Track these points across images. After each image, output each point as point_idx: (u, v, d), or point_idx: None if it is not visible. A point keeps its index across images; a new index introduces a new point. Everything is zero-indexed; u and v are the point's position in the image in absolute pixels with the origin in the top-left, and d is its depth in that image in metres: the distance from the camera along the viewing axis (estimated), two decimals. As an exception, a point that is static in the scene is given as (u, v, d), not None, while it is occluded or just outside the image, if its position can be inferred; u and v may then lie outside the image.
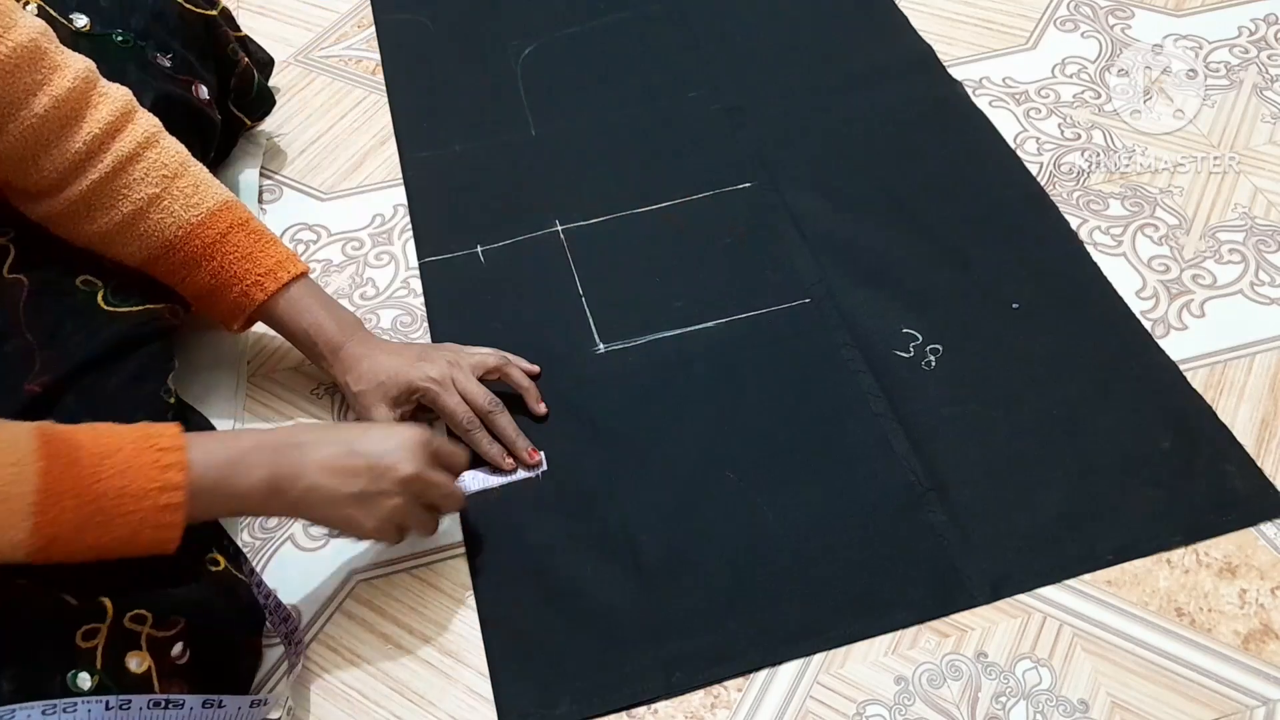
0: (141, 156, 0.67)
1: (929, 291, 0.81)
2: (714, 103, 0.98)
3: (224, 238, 0.69)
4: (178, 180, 0.68)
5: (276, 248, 0.71)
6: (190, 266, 0.69)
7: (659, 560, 0.68)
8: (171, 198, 0.68)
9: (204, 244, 0.69)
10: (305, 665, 0.66)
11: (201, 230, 0.69)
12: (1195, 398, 0.74)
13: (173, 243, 0.68)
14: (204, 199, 0.69)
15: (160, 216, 0.67)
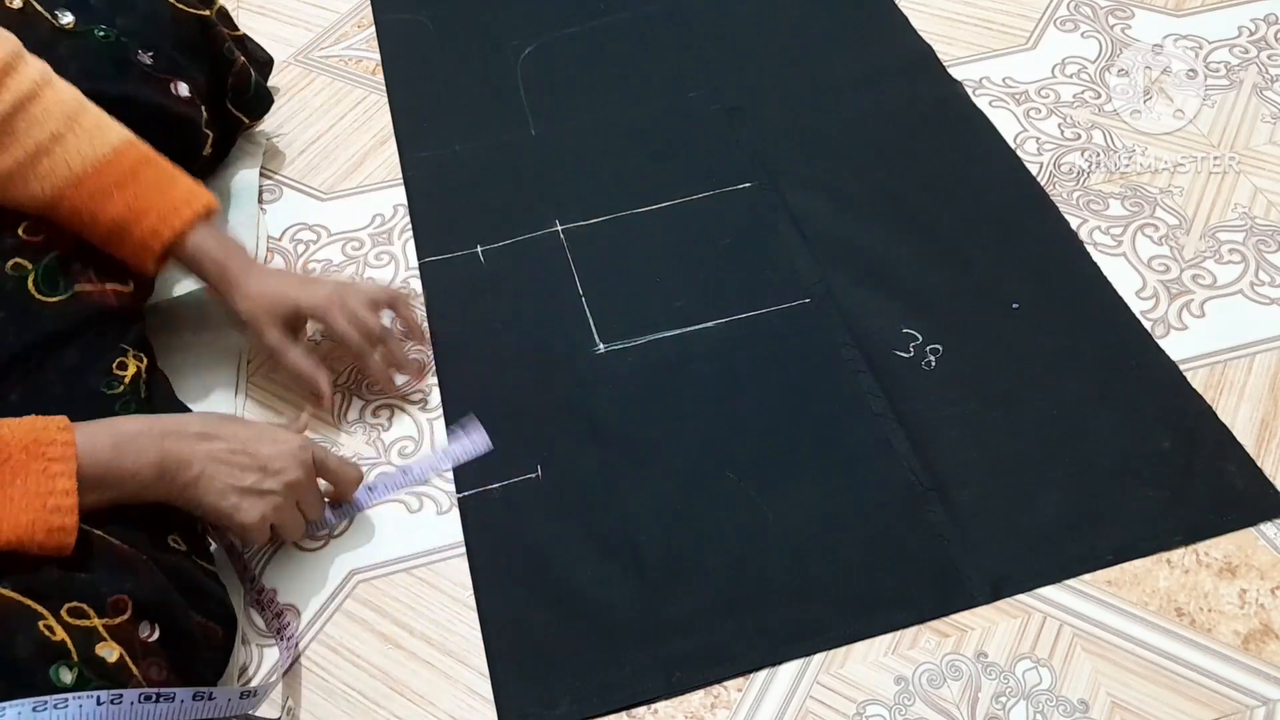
0: (39, 96, 0.66)
1: (929, 291, 0.81)
2: (714, 103, 0.98)
3: (135, 171, 0.69)
4: (82, 119, 0.68)
5: (183, 179, 0.72)
6: (100, 199, 0.68)
7: (659, 560, 0.68)
8: (75, 134, 0.67)
9: (116, 176, 0.68)
10: (305, 665, 0.66)
11: (111, 164, 0.68)
12: (1195, 398, 0.74)
13: (80, 178, 0.67)
14: (108, 135, 0.69)
15: (65, 154, 0.67)
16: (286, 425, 0.71)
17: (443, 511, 0.73)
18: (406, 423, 0.78)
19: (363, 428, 0.78)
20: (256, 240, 0.90)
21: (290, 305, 0.73)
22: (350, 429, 0.78)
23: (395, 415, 0.78)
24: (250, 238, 0.89)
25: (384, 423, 0.78)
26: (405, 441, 0.76)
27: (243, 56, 0.91)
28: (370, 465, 0.75)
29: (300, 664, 0.66)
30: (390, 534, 0.72)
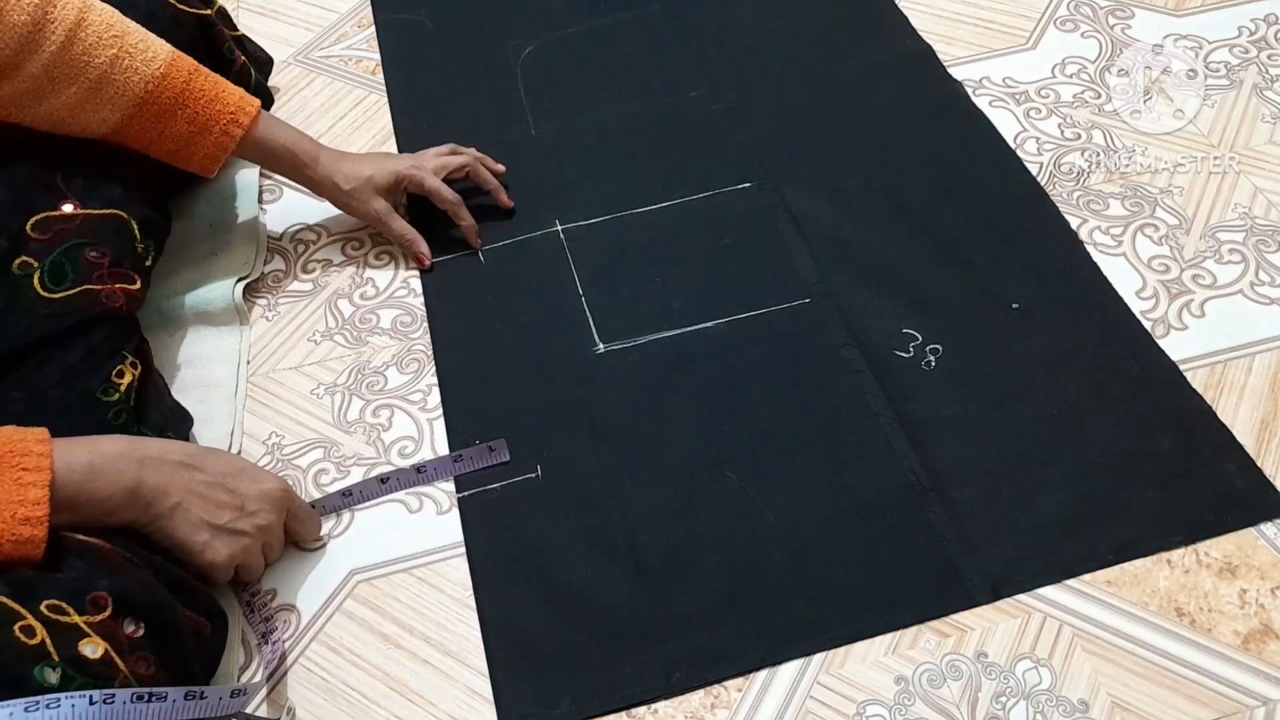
0: (87, 21, 0.68)
1: (929, 291, 0.81)
2: (714, 103, 0.98)
3: (188, 84, 0.73)
4: (128, 38, 0.70)
5: (230, 85, 0.76)
6: (165, 118, 0.72)
7: (659, 560, 0.68)
8: (129, 55, 0.69)
9: (173, 93, 0.72)
10: (305, 665, 0.66)
11: (167, 81, 0.71)
12: (1195, 398, 0.74)
13: (143, 99, 0.71)
14: (156, 51, 0.71)
15: (125, 76, 0.69)
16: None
17: (443, 511, 0.73)
18: (406, 423, 0.78)
19: (362, 428, 0.78)
20: (257, 240, 0.90)
21: (389, 176, 0.83)
22: (350, 429, 0.78)
23: (395, 415, 0.78)
24: (250, 238, 0.89)
25: (384, 422, 0.78)
26: (405, 441, 0.76)
27: (243, 56, 0.91)
28: (370, 465, 0.75)
29: (300, 664, 0.66)
30: (390, 534, 0.72)
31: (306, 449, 0.77)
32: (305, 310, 0.86)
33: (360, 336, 0.84)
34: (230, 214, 0.91)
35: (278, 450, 0.77)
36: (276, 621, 0.67)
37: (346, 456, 0.76)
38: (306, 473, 0.75)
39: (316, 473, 0.75)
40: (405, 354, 0.82)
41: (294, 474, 0.75)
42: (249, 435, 0.78)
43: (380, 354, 0.82)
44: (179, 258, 0.86)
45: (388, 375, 0.81)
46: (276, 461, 0.76)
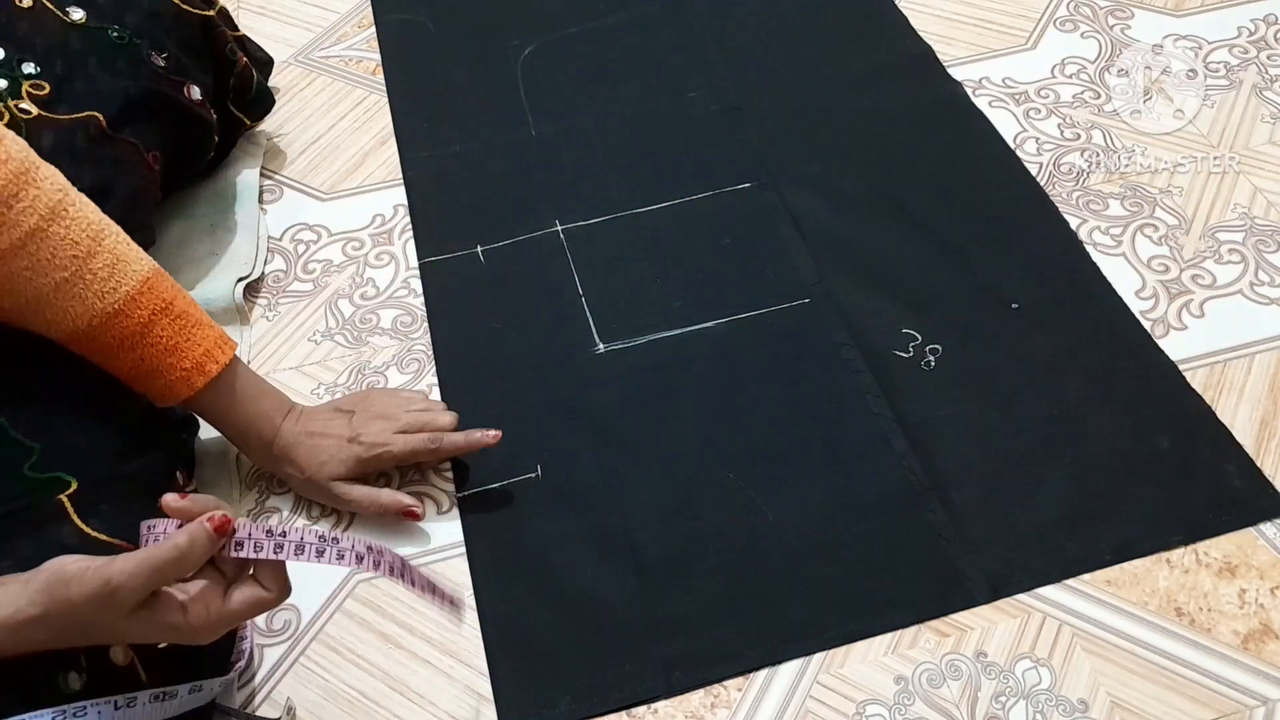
0: (47, 232, 0.58)
1: (929, 291, 0.81)
2: (714, 103, 0.98)
3: (145, 328, 0.62)
4: (91, 260, 0.60)
5: (202, 332, 0.65)
6: (106, 355, 0.62)
7: (659, 560, 0.68)
8: (84, 282, 0.59)
9: (122, 335, 0.62)
10: (305, 665, 0.66)
11: (118, 320, 0.61)
12: (1195, 398, 0.74)
13: (85, 331, 0.61)
14: (120, 281, 0.61)
15: (70, 304, 0.59)
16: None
17: (443, 511, 0.73)
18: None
19: (363, 428, 0.78)
20: (257, 240, 0.90)
21: (350, 462, 0.69)
22: (350, 429, 0.78)
23: (395, 415, 0.78)
24: (250, 238, 0.89)
25: (384, 423, 0.78)
26: (405, 441, 0.76)
27: (245, 58, 0.91)
28: (370, 465, 0.75)
29: (300, 664, 0.66)
30: (390, 534, 0.72)
31: (307, 449, 0.77)
32: (305, 310, 0.86)
33: (360, 336, 0.84)
34: (230, 214, 0.91)
35: (278, 450, 0.77)
36: (248, 629, 0.66)
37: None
38: (307, 473, 0.75)
39: (317, 473, 0.75)
40: (405, 354, 0.82)
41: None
42: (249, 435, 0.78)
43: (380, 354, 0.82)
44: (179, 258, 0.86)
45: (388, 375, 0.81)
46: (277, 461, 0.76)
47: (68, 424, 0.60)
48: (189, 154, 0.86)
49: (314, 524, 0.72)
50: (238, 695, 0.64)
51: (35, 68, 0.71)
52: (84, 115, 0.73)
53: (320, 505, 0.73)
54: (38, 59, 0.71)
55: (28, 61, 0.70)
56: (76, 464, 0.59)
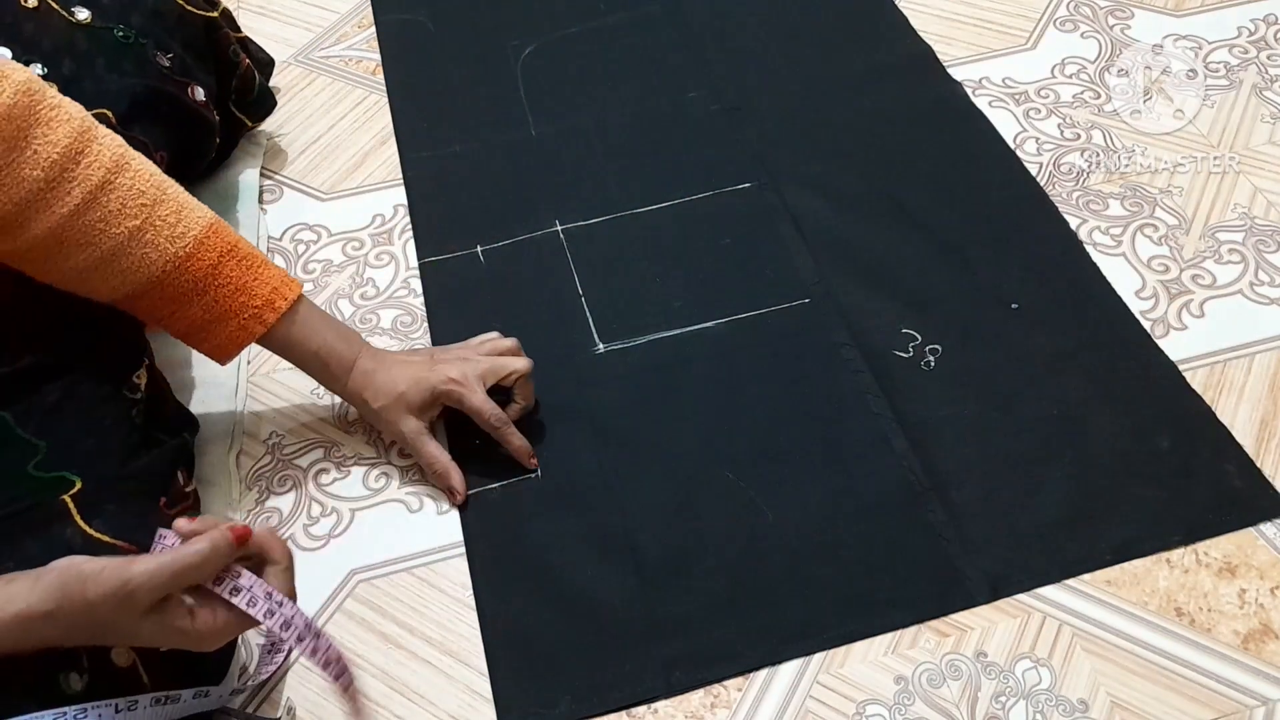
0: (114, 184, 0.60)
1: (929, 291, 0.81)
2: (714, 103, 0.98)
3: (215, 269, 0.64)
4: (158, 208, 0.62)
5: (269, 271, 0.67)
6: (179, 302, 0.64)
7: (659, 560, 0.68)
8: (154, 229, 0.61)
9: (194, 278, 0.63)
10: (305, 665, 0.66)
11: (190, 263, 0.63)
12: (1195, 398, 0.74)
13: (159, 279, 0.62)
14: (189, 226, 0.63)
15: (144, 251, 0.61)
16: None
17: (443, 511, 0.73)
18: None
19: (363, 427, 0.78)
20: (257, 240, 0.90)
21: (426, 394, 0.70)
22: (350, 429, 0.78)
23: (395, 415, 0.78)
24: (250, 238, 0.89)
25: (384, 423, 0.78)
26: (405, 441, 0.76)
27: (247, 59, 0.91)
28: (370, 465, 0.75)
29: (300, 664, 0.66)
30: (390, 534, 0.72)
31: (306, 449, 0.77)
32: (305, 310, 0.86)
33: (360, 336, 0.84)
34: (230, 214, 0.91)
35: (278, 450, 0.77)
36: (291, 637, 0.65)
37: (347, 456, 0.76)
38: (307, 473, 0.75)
39: (317, 472, 0.75)
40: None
41: (294, 474, 0.75)
42: (249, 435, 0.78)
43: (380, 354, 0.82)
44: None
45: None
46: (276, 461, 0.76)
47: (74, 423, 0.60)
48: (191, 155, 0.86)
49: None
50: (238, 696, 0.64)
51: (42, 68, 0.70)
52: (94, 112, 0.72)
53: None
54: (45, 59, 0.71)
55: (35, 62, 0.70)
56: (82, 463, 0.59)
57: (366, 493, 0.74)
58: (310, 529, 0.72)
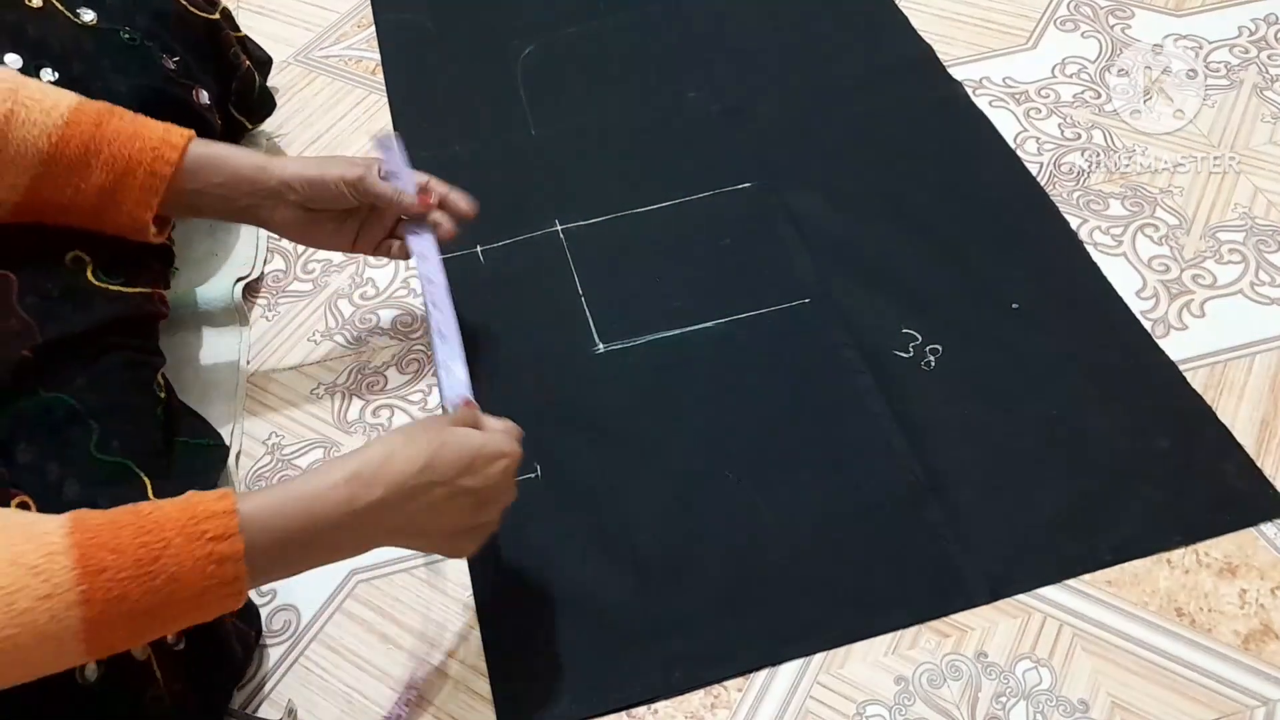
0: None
1: (929, 291, 0.81)
2: (714, 103, 0.98)
3: (99, 127, 0.64)
4: (21, 91, 0.62)
5: (153, 121, 0.66)
6: (76, 171, 0.63)
7: (659, 560, 0.68)
8: (25, 108, 0.62)
9: (82, 141, 0.63)
10: (305, 665, 0.66)
11: (72, 130, 0.63)
12: (1195, 398, 0.74)
13: (49, 154, 0.62)
14: (57, 100, 0.63)
15: (23, 132, 0.62)
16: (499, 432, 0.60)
17: (443, 511, 0.73)
18: (406, 422, 0.78)
19: (362, 427, 0.78)
20: (257, 240, 0.90)
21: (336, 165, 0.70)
22: (350, 429, 0.78)
23: (395, 415, 0.78)
24: (250, 238, 0.89)
25: (384, 422, 0.78)
26: (405, 441, 0.76)
27: (247, 60, 0.91)
28: (370, 465, 0.75)
29: (300, 664, 0.66)
30: (390, 534, 0.72)
31: (306, 449, 0.77)
32: (305, 310, 0.86)
33: (360, 336, 0.84)
34: (230, 214, 0.91)
35: (278, 450, 0.77)
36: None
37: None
38: (306, 473, 0.75)
39: (316, 473, 0.75)
40: (405, 354, 0.82)
41: (294, 474, 0.75)
42: (249, 435, 0.78)
43: (380, 354, 0.82)
44: (179, 258, 0.86)
45: (388, 375, 0.81)
46: (276, 461, 0.76)
47: (120, 414, 0.62)
48: None
49: None
50: (238, 696, 0.64)
51: (53, 73, 0.70)
52: None
53: None
54: (54, 64, 0.71)
55: (45, 68, 0.70)
56: (129, 453, 0.62)
57: (366, 493, 0.74)
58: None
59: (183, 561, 0.46)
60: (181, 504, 0.47)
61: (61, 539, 0.44)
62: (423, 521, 0.55)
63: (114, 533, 0.45)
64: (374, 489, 0.52)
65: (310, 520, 0.50)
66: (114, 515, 0.46)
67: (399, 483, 0.53)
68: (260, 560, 0.49)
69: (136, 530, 0.45)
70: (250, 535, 0.48)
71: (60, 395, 0.61)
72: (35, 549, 0.43)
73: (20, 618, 0.42)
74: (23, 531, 0.44)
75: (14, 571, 0.42)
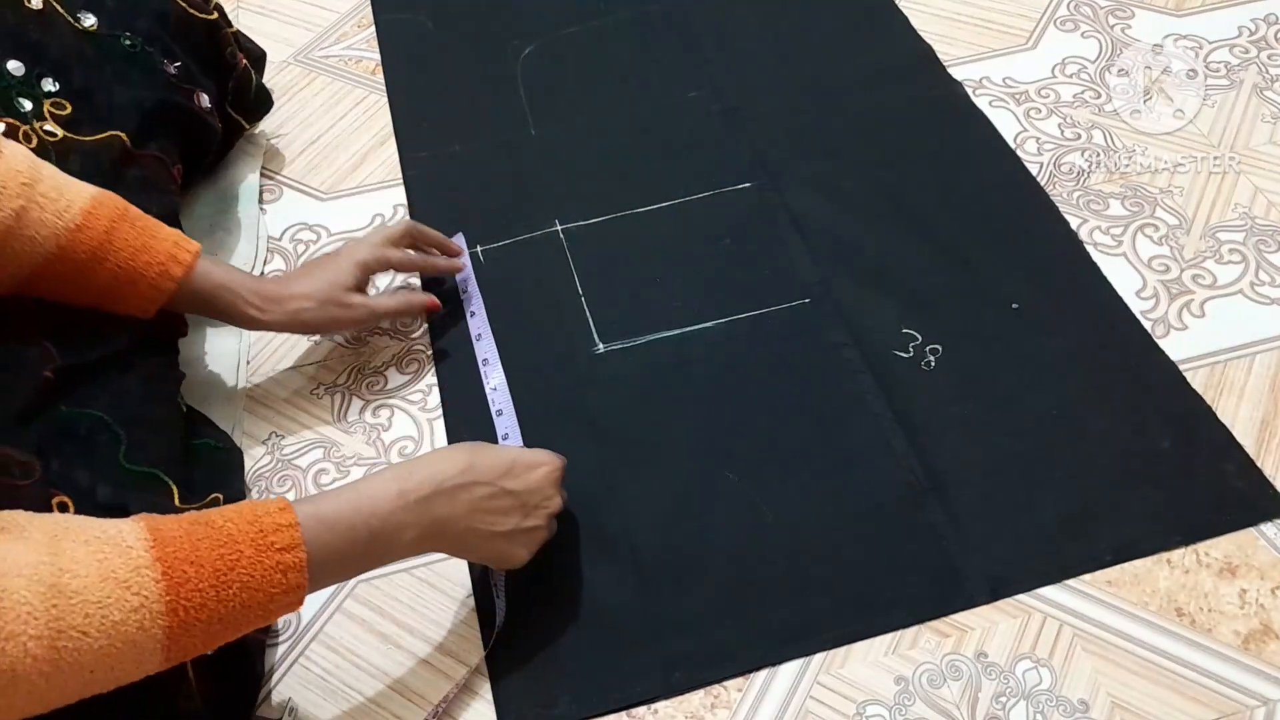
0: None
1: (929, 291, 0.81)
2: (714, 103, 0.98)
3: (109, 236, 0.63)
4: (38, 185, 0.61)
5: (164, 230, 0.67)
6: (80, 275, 0.63)
7: (659, 560, 0.68)
8: (39, 206, 0.60)
9: (90, 248, 0.63)
10: (305, 665, 0.66)
11: (82, 234, 0.62)
12: (1195, 398, 0.74)
13: (54, 255, 0.62)
14: (73, 199, 0.62)
15: (32, 231, 0.60)
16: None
17: (443, 511, 0.73)
18: (406, 422, 0.78)
19: (362, 427, 0.78)
20: (257, 240, 0.90)
21: (354, 268, 0.75)
22: (350, 429, 0.78)
23: (395, 415, 0.78)
24: (250, 238, 0.89)
25: (384, 422, 0.78)
26: (405, 441, 0.77)
27: (244, 60, 0.91)
28: (370, 465, 0.75)
29: (300, 664, 0.66)
30: (390, 534, 0.72)
31: (306, 449, 0.77)
32: (305, 310, 0.86)
33: (360, 336, 0.84)
34: (230, 214, 0.91)
35: (277, 450, 0.77)
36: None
37: (346, 456, 0.76)
38: (306, 473, 0.75)
39: (316, 473, 0.75)
40: (405, 354, 0.82)
41: (294, 474, 0.75)
42: (249, 435, 0.78)
43: (380, 354, 0.82)
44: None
45: (388, 375, 0.81)
46: (276, 461, 0.76)
47: (147, 425, 0.63)
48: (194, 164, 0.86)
49: None
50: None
51: (54, 83, 0.70)
52: (107, 135, 0.72)
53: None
54: (55, 73, 0.71)
55: (46, 77, 0.70)
56: (156, 463, 0.62)
57: (366, 493, 0.74)
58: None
59: (254, 572, 0.48)
60: (248, 516, 0.50)
61: (145, 553, 0.46)
62: (471, 522, 0.58)
63: (193, 545, 0.47)
64: (422, 488, 0.56)
65: (365, 524, 0.53)
66: (188, 528, 0.48)
67: (443, 480, 0.57)
68: (320, 567, 0.51)
69: (212, 543, 0.48)
70: (311, 544, 0.51)
71: (87, 410, 0.61)
72: (124, 563, 0.45)
73: (113, 629, 0.44)
74: (108, 545, 0.45)
75: (106, 586, 0.44)
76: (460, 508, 0.57)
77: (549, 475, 0.63)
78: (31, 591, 0.42)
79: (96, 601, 0.43)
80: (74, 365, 0.63)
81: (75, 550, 0.44)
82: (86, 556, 0.44)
